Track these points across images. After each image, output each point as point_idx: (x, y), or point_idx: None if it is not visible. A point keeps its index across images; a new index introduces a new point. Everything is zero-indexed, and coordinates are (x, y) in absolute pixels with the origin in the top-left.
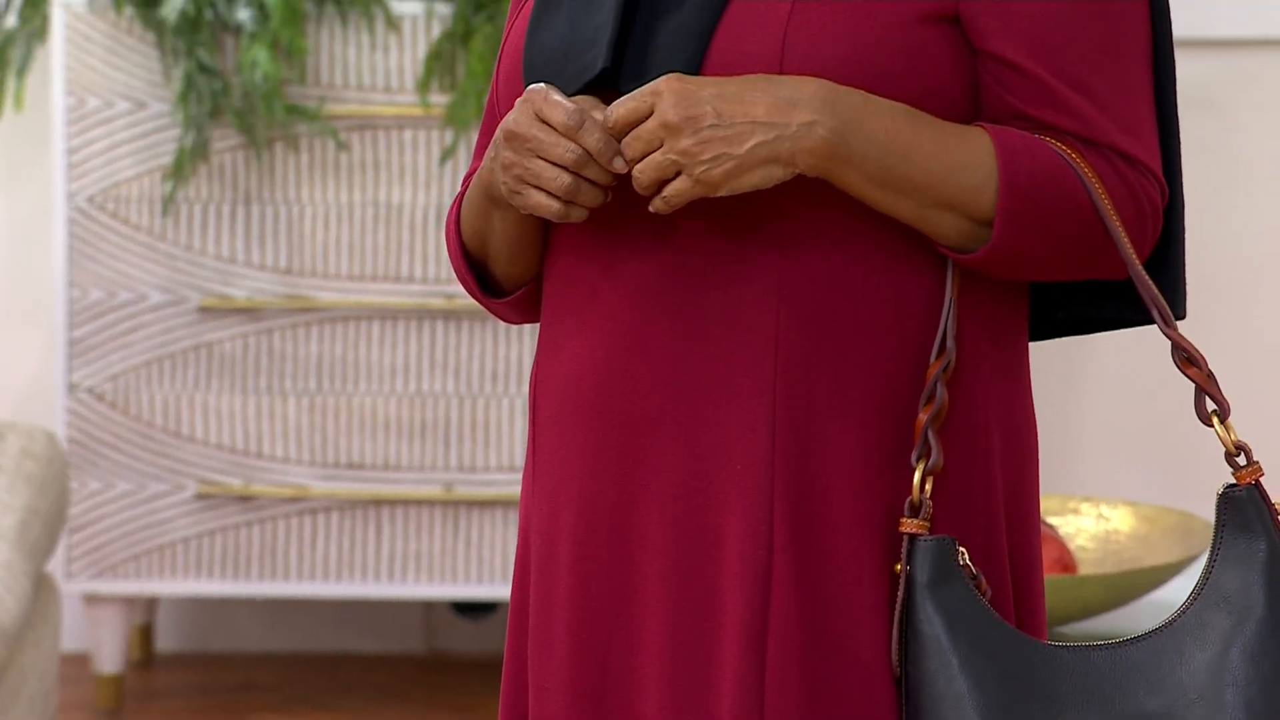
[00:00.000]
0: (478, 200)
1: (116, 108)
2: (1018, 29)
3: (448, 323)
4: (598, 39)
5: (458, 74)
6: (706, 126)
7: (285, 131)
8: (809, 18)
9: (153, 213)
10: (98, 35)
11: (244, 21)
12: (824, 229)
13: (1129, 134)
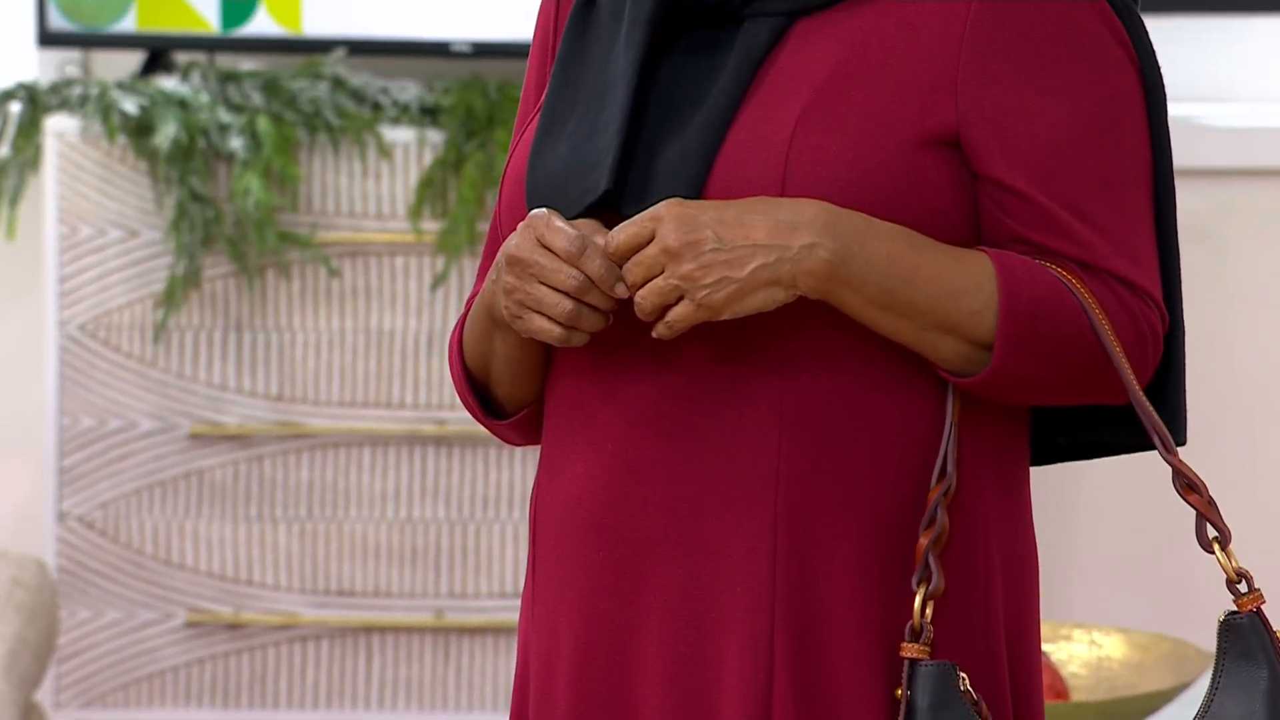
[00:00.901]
0: (480, 322)
1: (109, 236)
2: (1018, 154)
3: (439, 448)
4: (600, 162)
5: (450, 201)
6: (708, 250)
7: (277, 258)
8: (810, 141)
9: (144, 340)
10: (90, 164)
11: (237, 150)
12: (825, 351)
13: (1129, 260)
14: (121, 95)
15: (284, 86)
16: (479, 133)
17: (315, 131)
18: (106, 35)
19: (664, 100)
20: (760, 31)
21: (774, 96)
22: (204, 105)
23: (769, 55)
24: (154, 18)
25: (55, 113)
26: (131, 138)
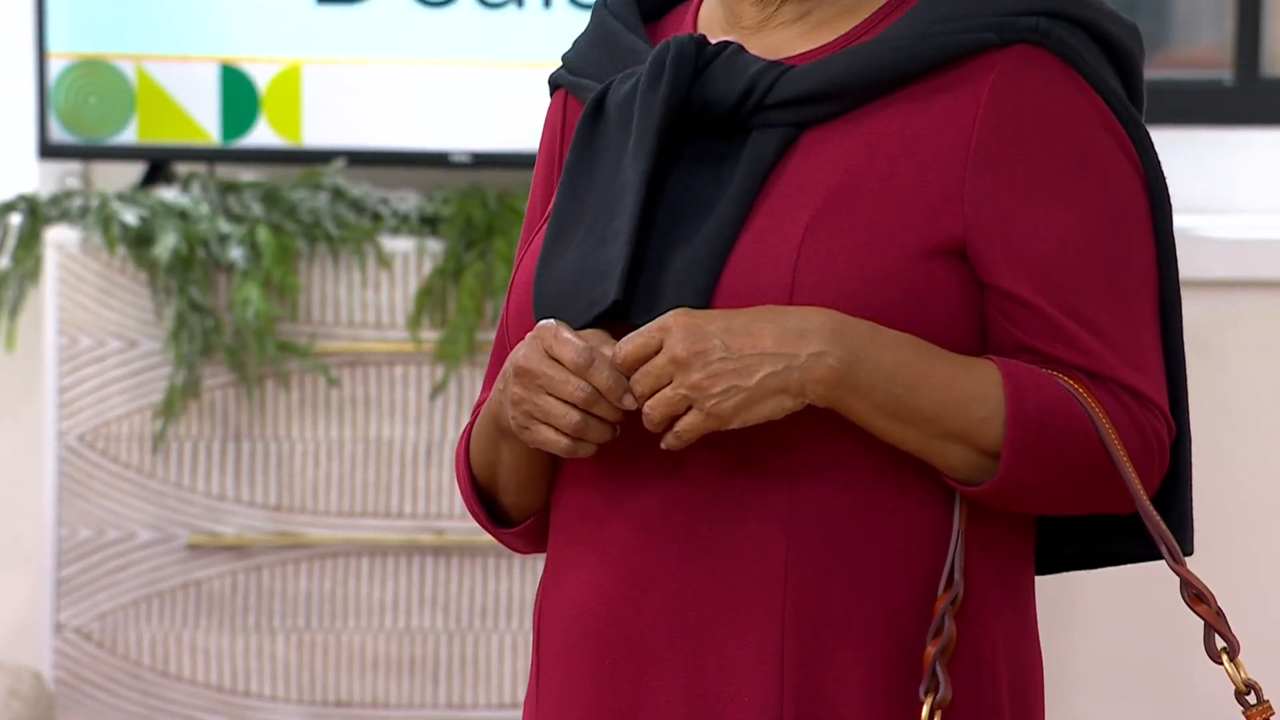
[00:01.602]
0: (487, 431)
1: (108, 346)
2: (1024, 264)
3: (437, 558)
4: (609, 272)
5: (449, 310)
6: (716, 360)
7: (276, 368)
8: (818, 251)
9: (143, 450)
10: (90, 275)
11: (236, 260)
12: (833, 460)
13: (1135, 369)
14: (122, 206)
15: (284, 197)
16: (478, 242)
17: (315, 241)
18: (107, 147)
19: (672, 210)
20: (769, 141)
21: (782, 206)
22: (204, 216)
23: (777, 165)
24: (155, 129)
25: (55, 224)
26: (131, 248)
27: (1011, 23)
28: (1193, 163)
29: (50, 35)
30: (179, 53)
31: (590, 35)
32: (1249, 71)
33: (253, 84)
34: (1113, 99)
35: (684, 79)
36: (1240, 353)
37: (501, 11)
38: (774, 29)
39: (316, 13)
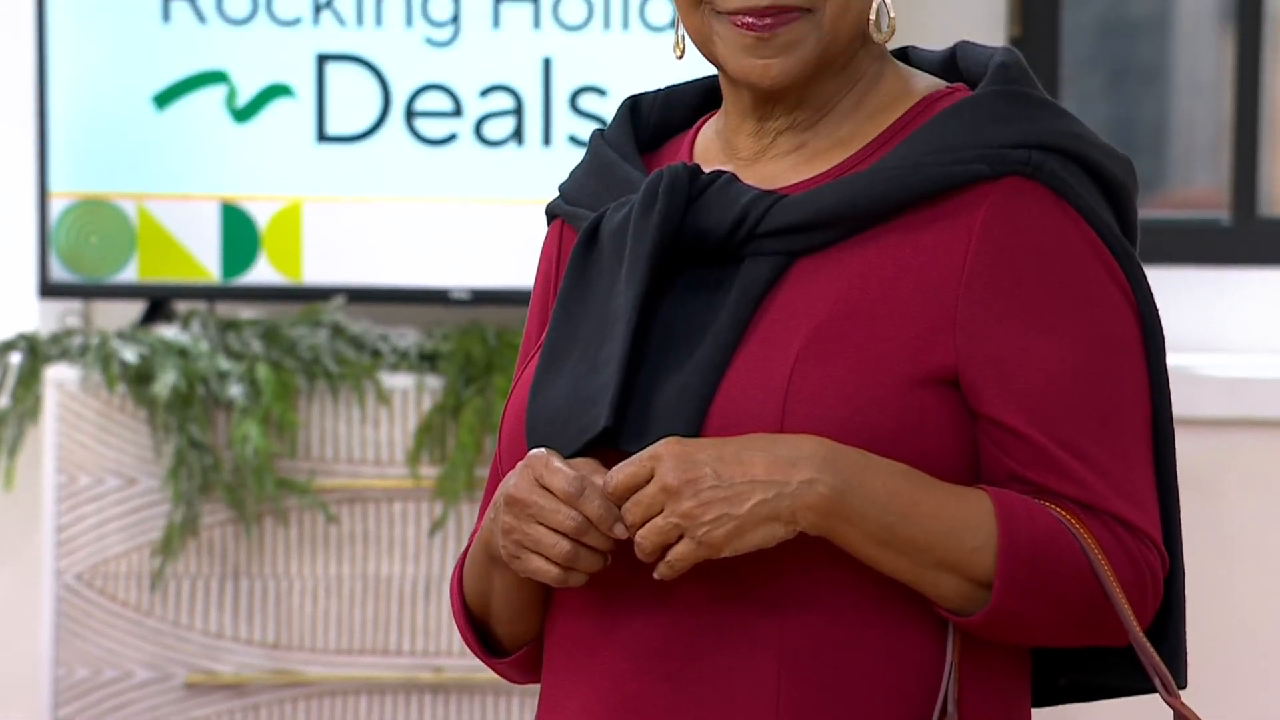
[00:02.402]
0: (479, 560)
1: (107, 484)
2: (1016, 394)
3: (435, 695)
4: (600, 399)
5: (448, 446)
6: (707, 488)
7: (275, 505)
8: (809, 379)
9: (141, 589)
10: (89, 413)
11: (236, 397)
12: (825, 588)
13: (1129, 501)
14: (121, 345)
15: (284, 334)
16: (477, 379)
17: (314, 378)
18: (107, 286)
19: (664, 337)
20: (760, 270)
21: (773, 334)
22: (204, 353)
23: (769, 293)
24: (155, 268)
25: (55, 363)
26: (131, 386)
27: (1004, 155)
28: (1191, 302)
29: (52, 175)
30: (180, 191)
31: (587, 165)
32: (1246, 212)
33: (253, 222)
34: (1105, 231)
35: (677, 207)
36: (1237, 490)
37: (501, 149)
38: (770, 160)
39: (317, 151)
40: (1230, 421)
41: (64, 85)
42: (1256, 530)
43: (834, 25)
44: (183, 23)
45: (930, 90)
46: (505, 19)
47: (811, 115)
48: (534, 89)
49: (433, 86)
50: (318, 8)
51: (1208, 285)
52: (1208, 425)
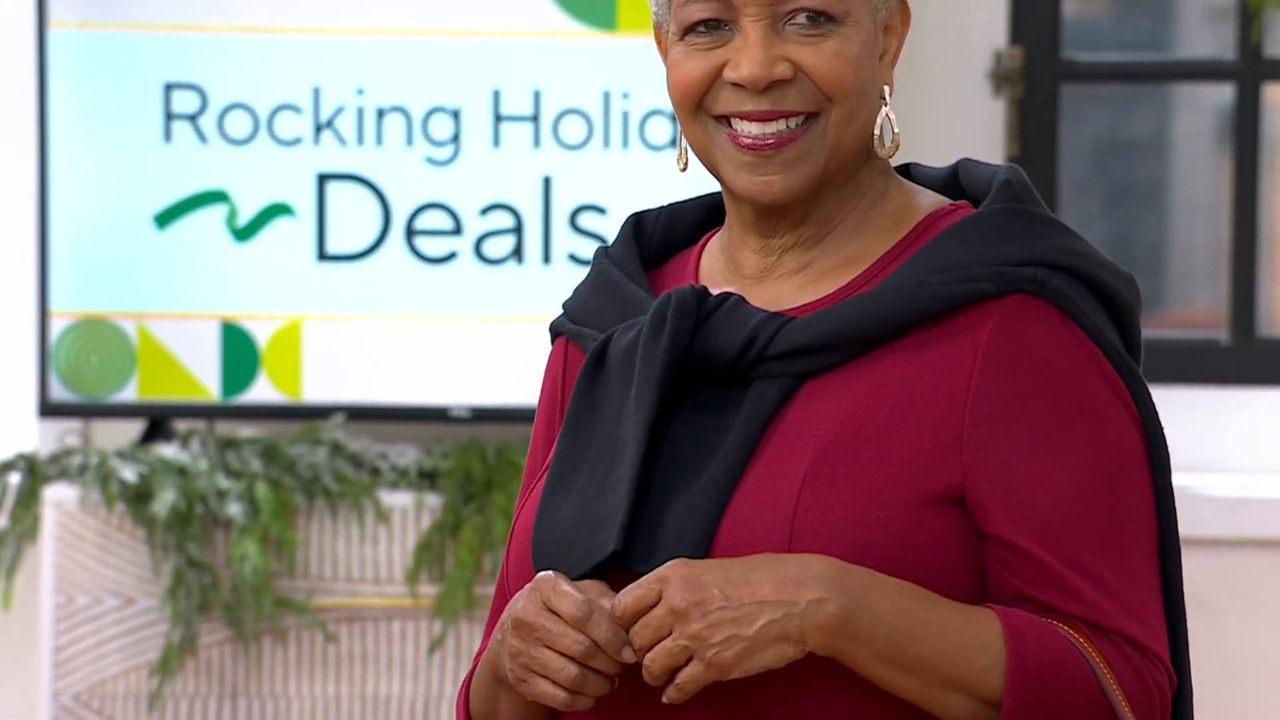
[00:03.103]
0: (485, 681)
1: (105, 604)
2: (1023, 514)
3: None
4: (609, 521)
5: (447, 565)
6: (715, 609)
7: (274, 624)
8: (817, 500)
9: (139, 709)
10: (88, 533)
11: (235, 515)
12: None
13: (1136, 620)
14: (121, 464)
15: (283, 452)
16: (477, 496)
17: (313, 496)
18: (107, 405)
19: (672, 459)
20: (769, 392)
21: (781, 455)
22: (203, 472)
23: (777, 415)
24: (155, 387)
25: (54, 482)
26: (130, 505)
27: (1008, 273)
28: (1191, 422)
29: (52, 295)
30: (180, 310)
31: (591, 283)
32: (1245, 332)
33: (253, 341)
34: (1110, 349)
35: (685, 331)
36: (1240, 611)
37: (500, 268)
38: (775, 280)
39: (317, 270)
40: (1232, 542)
41: (65, 204)
42: (1260, 650)
43: (837, 137)
44: (184, 143)
45: (935, 207)
46: (505, 138)
47: (816, 231)
48: (534, 207)
49: (433, 205)
50: (318, 127)
51: (1207, 405)
52: (1209, 545)
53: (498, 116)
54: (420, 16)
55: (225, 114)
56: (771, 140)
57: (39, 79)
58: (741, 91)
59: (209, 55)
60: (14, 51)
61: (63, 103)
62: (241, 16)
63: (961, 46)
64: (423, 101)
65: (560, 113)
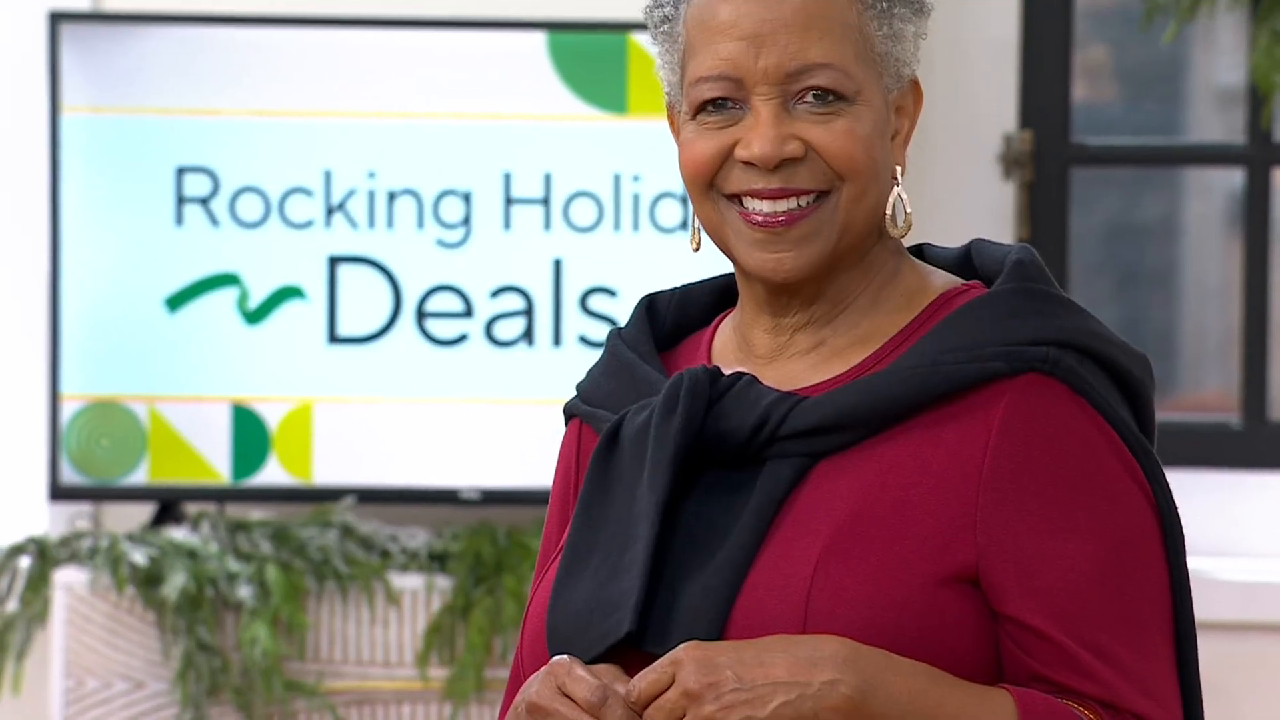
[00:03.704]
0: None
1: (115, 688)
2: (1038, 593)
3: None
4: (623, 603)
5: (457, 647)
6: (728, 691)
7: (283, 708)
8: (831, 580)
9: None
10: (98, 616)
11: (245, 598)
12: None
13: (1151, 700)
14: (131, 547)
15: (293, 534)
16: (487, 579)
17: (324, 579)
18: (118, 488)
19: (685, 540)
20: (782, 472)
21: (795, 535)
22: (213, 555)
23: (790, 495)
24: (166, 469)
25: (64, 565)
26: (140, 588)
27: (1021, 352)
28: (1203, 505)
29: (63, 378)
30: (191, 393)
31: (604, 365)
32: (1257, 415)
33: (263, 423)
34: (1123, 428)
35: (698, 411)
36: (1255, 696)
37: (511, 350)
38: (788, 359)
39: (328, 352)
40: (1246, 626)
41: (76, 287)
42: None
43: (848, 215)
44: (195, 226)
45: (947, 287)
46: (516, 221)
47: (828, 310)
48: (544, 290)
49: (444, 287)
50: (330, 210)
51: (1219, 488)
52: (1222, 629)
53: (508, 199)
54: (431, 100)
55: (237, 197)
56: (783, 217)
57: (51, 162)
58: (753, 170)
59: (221, 139)
60: (27, 135)
61: (75, 186)
62: (253, 100)
63: (972, 129)
64: (434, 184)
65: (571, 195)
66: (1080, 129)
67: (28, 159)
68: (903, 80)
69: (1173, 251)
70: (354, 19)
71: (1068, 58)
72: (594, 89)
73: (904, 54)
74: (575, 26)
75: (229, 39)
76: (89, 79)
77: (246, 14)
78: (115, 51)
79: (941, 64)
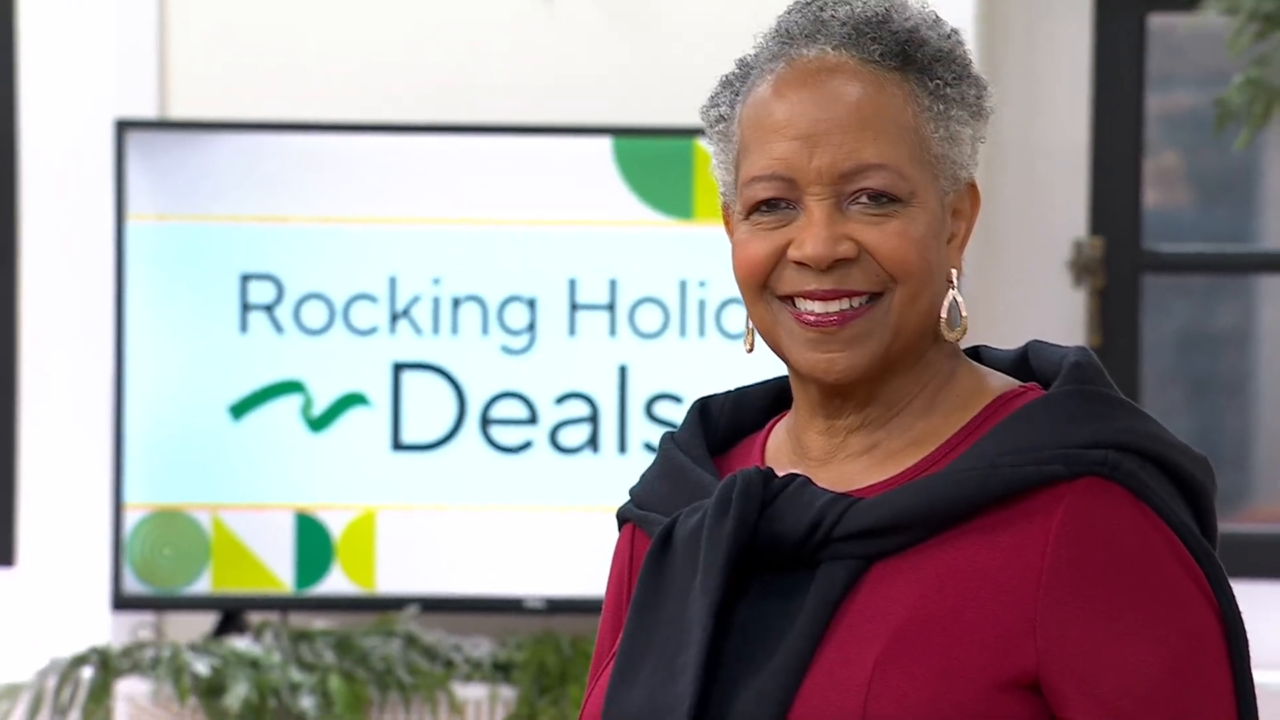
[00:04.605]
0: None
1: None
2: (1099, 699)
3: None
4: (676, 707)
5: None
6: None
7: None
8: (888, 685)
9: None
10: None
11: (307, 709)
12: None
13: None
14: (193, 657)
15: (356, 644)
16: (552, 689)
17: (387, 689)
18: (181, 598)
19: (740, 644)
20: (837, 575)
21: (851, 639)
22: (276, 664)
23: (845, 598)
24: (228, 578)
25: (127, 675)
26: (202, 699)
27: (1080, 455)
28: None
29: (127, 486)
30: (254, 501)
31: (657, 469)
32: None
33: (327, 531)
34: (1185, 532)
35: (751, 513)
36: None
37: (576, 457)
38: (842, 461)
39: (392, 459)
40: None
41: (140, 395)
42: None
43: (901, 317)
44: (260, 333)
45: (1004, 389)
46: (581, 327)
47: (883, 413)
48: (610, 396)
49: (508, 394)
50: (394, 316)
51: None
52: None
53: (574, 305)
54: (496, 206)
55: (301, 304)
56: (835, 317)
57: (116, 270)
58: (805, 270)
59: (285, 245)
60: (93, 243)
61: (140, 293)
62: (318, 207)
63: (1042, 235)
64: (498, 290)
65: (636, 301)
66: (1152, 235)
67: (93, 266)
68: (959, 183)
69: (1246, 359)
70: (419, 125)
71: (1138, 163)
72: (660, 194)
73: (961, 156)
74: (641, 132)
75: (293, 146)
76: (154, 186)
77: (311, 121)
78: (181, 159)
79: (1012, 169)
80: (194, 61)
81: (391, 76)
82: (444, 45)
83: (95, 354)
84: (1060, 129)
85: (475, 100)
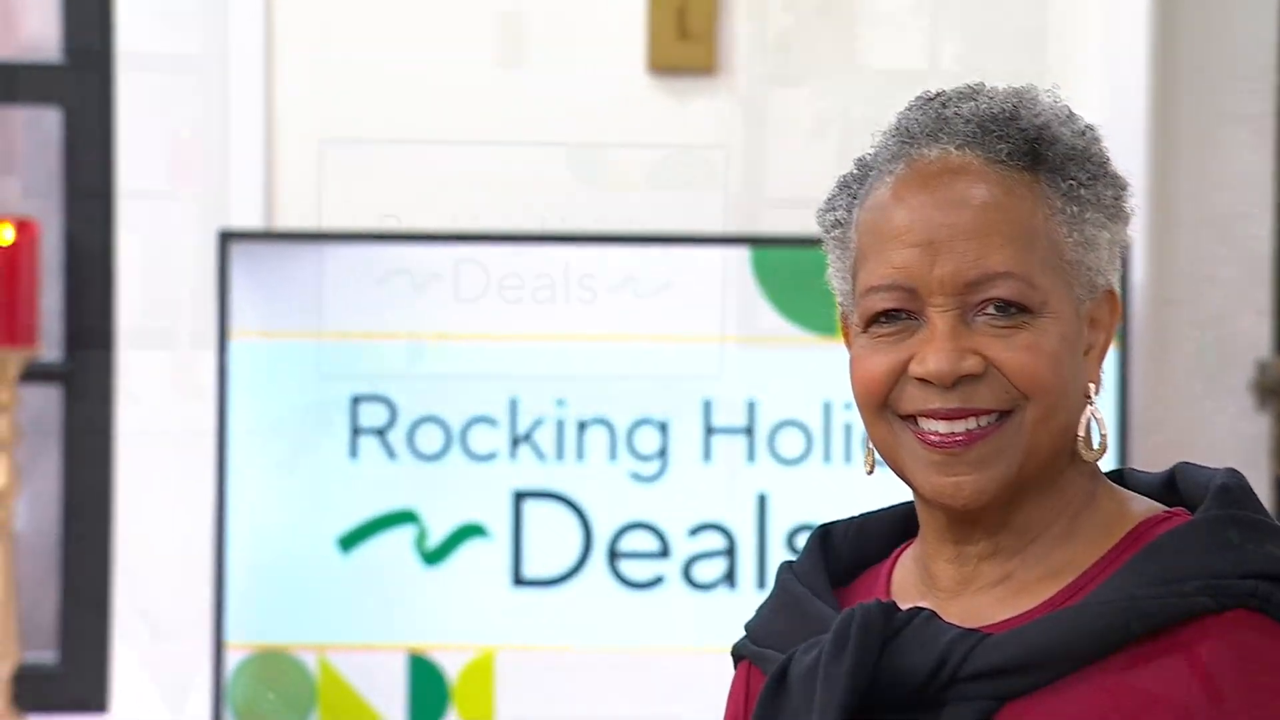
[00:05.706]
0: None
1: None
2: None
3: None
4: None
5: None
6: None
7: None
8: None
9: None
10: None
11: None
12: None
13: None
14: None
15: None
16: None
17: None
18: None
19: None
20: (964, 716)
21: None
22: None
23: None
24: None
25: None
26: None
27: (1228, 586)
28: None
29: (229, 624)
30: (365, 641)
31: (774, 602)
32: None
33: (442, 674)
34: None
35: (870, 650)
36: None
37: (712, 593)
38: (973, 593)
39: (512, 595)
40: None
41: (244, 526)
42: None
43: (1033, 437)
44: (371, 460)
45: (1148, 514)
46: (717, 453)
47: (1017, 541)
48: (748, 527)
49: (638, 525)
50: (515, 441)
51: None
52: None
53: (709, 428)
54: (624, 321)
55: (415, 428)
56: (961, 437)
57: (219, 391)
58: (928, 388)
59: (398, 365)
60: (195, 363)
61: (243, 416)
62: (432, 323)
63: (1223, 356)
64: (627, 413)
65: (777, 424)
66: None
67: (196, 387)
68: (1097, 290)
69: None
70: (541, 235)
71: None
72: (801, 308)
73: (1097, 262)
74: (781, 242)
75: (408, 257)
76: (260, 300)
77: (425, 231)
78: (288, 272)
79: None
80: (301, 170)
81: (511, 183)
82: (565, 151)
83: (196, 482)
84: (1243, 242)
85: (602, 208)
